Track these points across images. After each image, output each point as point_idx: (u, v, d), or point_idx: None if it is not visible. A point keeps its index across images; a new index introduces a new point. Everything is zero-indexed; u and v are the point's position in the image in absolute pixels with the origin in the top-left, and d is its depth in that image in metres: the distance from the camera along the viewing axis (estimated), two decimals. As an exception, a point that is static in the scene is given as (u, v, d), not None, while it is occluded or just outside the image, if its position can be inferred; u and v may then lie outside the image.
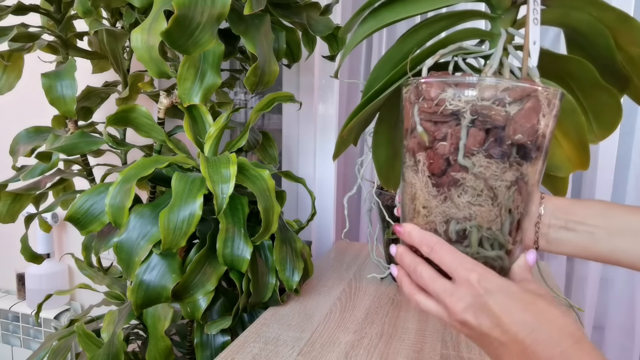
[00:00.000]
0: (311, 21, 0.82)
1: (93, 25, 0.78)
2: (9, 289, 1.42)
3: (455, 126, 0.36)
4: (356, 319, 0.72)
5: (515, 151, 0.36)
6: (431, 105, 0.37)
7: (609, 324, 1.14)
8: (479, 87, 0.36)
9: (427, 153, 0.38)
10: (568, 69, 0.43)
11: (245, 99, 1.35)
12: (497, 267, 0.39)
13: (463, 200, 0.37)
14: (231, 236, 0.65)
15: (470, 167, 0.36)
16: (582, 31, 0.42)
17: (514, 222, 0.38)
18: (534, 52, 0.39)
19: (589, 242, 0.41)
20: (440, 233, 0.38)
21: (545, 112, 0.36)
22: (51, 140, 0.77)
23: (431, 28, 0.44)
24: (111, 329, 0.70)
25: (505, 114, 0.35)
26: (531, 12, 0.38)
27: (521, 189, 0.37)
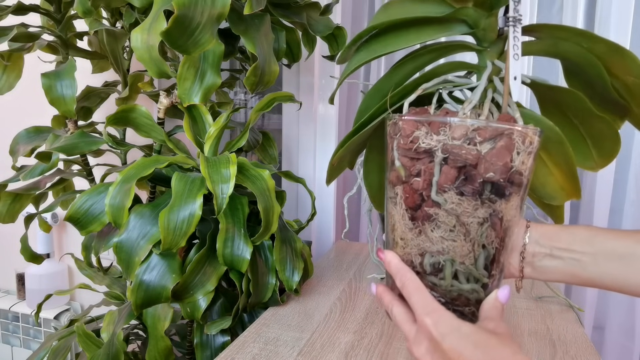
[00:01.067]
0: (311, 21, 0.82)
1: (93, 25, 0.78)
2: (9, 289, 1.41)
3: (428, 163, 0.37)
4: (356, 319, 0.71)
5: (488, 188, 0.37)
6: (407, 141, 0.38)
7: (609, 324, 1.14)
8: (449, 127, 0.36)
9: (403, 187, 0.39)
10: (562, 99, 0.43)
11: (245, 99, 1.35)
12: (473, 299, 0.39)
13: (436, 235, 0.38)
14: (231, 236, 0.65)
15: (442, 203, 0.37)
16: (573, 61, 0.42)
17: (489, 256, 0.38)
18: (515, 87, 0.39)
19: (575, 268, 0.41)
20: (416, 265, 0.39)
21: (520, 149, 0.36)
22: (51, 140, 0.77)
23: (418, 61, 0.45)
24: (111, 329, 0.70)
25: (477, 152, 0.36)
26: (511, 48, 0.39)
27: (495, 225, 0.38)
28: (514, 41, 0.39)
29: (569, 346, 0.64)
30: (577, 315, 0.75)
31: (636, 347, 1.10)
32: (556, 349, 0.63)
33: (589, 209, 1.09)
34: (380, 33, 0.44)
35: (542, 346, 0.64)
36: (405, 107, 0.42)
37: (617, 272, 0.39)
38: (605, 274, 0.40)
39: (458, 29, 0.43)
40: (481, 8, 0.41)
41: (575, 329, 0.69)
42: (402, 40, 0.43)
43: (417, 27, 0.43)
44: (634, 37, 1.04)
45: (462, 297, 0.39)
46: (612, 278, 0.40)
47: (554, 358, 0.60)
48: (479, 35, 0.43)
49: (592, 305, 1.11)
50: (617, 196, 1.09)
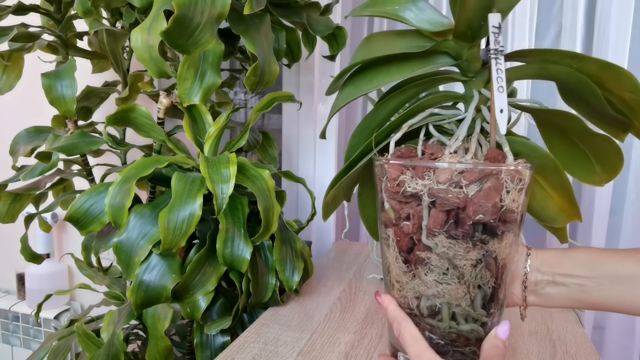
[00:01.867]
0: (311, 21, 0.82)
1: (93, 25, 0.78)
2: (9, 289, 1.41)
3: (416, 206, 0.37)
4: (356, 319, 0.71)
5: (479, 230, 0.36)
6: (393, 185, 0.38)
7: (609, 324, 1.14)
8: (434, 171, 0.36)
9: (394, 230, 0.39)
10: (560, 122, 0.43)
11: (245, 99, 1.35)
12: (473, 339, 0.39)
13: (430, 279, 0.37)
14: (231, 236, 0.65)
15: (433, 247, 0.36)
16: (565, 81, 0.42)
17: (487, 296, 0.38)
18: (502, 120, 0.38)
19: (580, 294, 0.40)
20: (413, 308, 0.39)
21: (510, 187, 0.36)
22: (51, 140, 0.77)
23: (404, 95, 0.44)
24: (111, 329, 0.70)
25: (464, 195, 0.35)
26: (495, 81, 0.38)
27: (489, 265, 0.37)
28: (497, 73, 0.38)
29: (569, 346, 0.64)
30: (577, 316, 0.75)
31: (636, 347, 1.10)
32: (556, 349, 0.63)
33: (589, 209, 1.09)
34: (364, 68, 0.44)
35: (542, 346, 0.64)
36: (391, 146, 0.41)
37: (622, 295, 0.39)
38: (611, 298, 0.39)
39: (441, 61, 0.43)
40: (462, 40, 0.41)
41: (575, 329, 0.69)
42: (385, 76, 0.42)
43: (399, 62, 0.43)
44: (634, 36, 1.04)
45: (462, 337, 0.38)
46: (618, 301, 0.39)
47: (554, 358, 0.60)
48: (463, 67, 0.43)
49: (592, 306, 1.11)
50: (617, 196, 1.09)
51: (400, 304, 0.40)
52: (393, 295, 0.40)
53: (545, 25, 1.16)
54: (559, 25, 1.13)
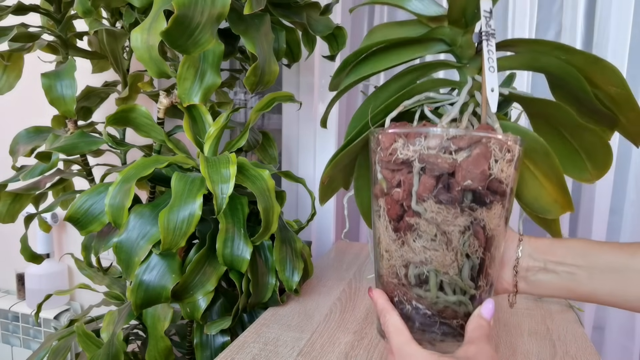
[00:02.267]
0: (311, 21, 0.82)
1: (93, 25, 0.78)
2: (9, 289, 1.41)
3: (407, 174, 0.38)
4: (356, 319, 0.71)
5: (467, 197, 0.37)
6: (386, 154, 0.39)
7: (609, 324, 1.14)
8: (424, 137, 0.37)
9: (385, 199, 0.40)
10: (550, 113, 0.44)
11: (245, 99, 1.35)
12: (461, 312, 0.39)
13: (418, 245, 0.38)
14: (231, 236, 0.65)
15: (422, 212, 0.37)
16: (554, 74, 0.43)
17: (475, 267, 0.38)
18: (492, 99, 0.40)
19: (570, 282, 0.40)
20: (401, 277, 0.39)
21: (498, 157, 0.37)
22: (51, 140, 0.76)
23: (401, 80, 0.46)
24: (111, 329, 0.70)
25: (452, 161, 0.36)
26: (486, 61, 0.40)
27: (477, 234, 0.38)
28: (489, 54, 0.40)
29: (569, 346, 0.64)
30: (577, 316, 0.75)
31: (636, 347, 1.10)
32: (556, 349, 0.63)
33: (589, 209, 1.09)
34: (366, 57, 0.46)
35: (542, 346, 0.64)
36: (387, 124, 0.43)
37: (613, 287, 0.39)
38: (601, 288, 0.39)
39: (436, 47, 0.45)
40: (456, 26, 0.43)
41: (575, 329, 0.69)
42: (384, 62, 0.45)
43: (398, 49, 0.45)
44: (634, 36, 1.04)
45: (449, 309, 0.39)
46: (608, 292, 0.39)
47: (554, 358, 0.60)
48: (457, 53, 0.45)
49: (592, 306, 1.11)
50: (617, 196, 1.09)
51: (389, 274, 0.40)
52: (382, 266, 0.41)
53: (545, 25, 1.16)
54: (559, 25, 1.13)
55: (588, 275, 0.39)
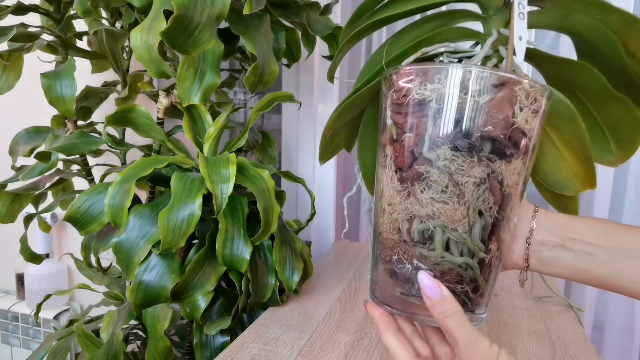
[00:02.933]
0: (311, 21, 0.82)
1: (92, 25, 0.77)
2: (9, 289, 1.41)
3: (421, 117, 0.34)
4: (356, 319, 0.71)
5: (486, 146, 0.33)
6: (399, 96, 0.35)
7: (608, 324, 1.14)
8: (445, 74, 0.33)
9: (394, 146, 0.36)
10: (574, 77, 0.39)
11: (244, 99, 1.35)
12: (467, 277, 0.35)
13: (426, 196, 0.34)
14: (230, 236, 0.65)
15: (434, 159, 0.33)
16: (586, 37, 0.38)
17: (487, 226, 0.35)
18: (520, 48, 0.36)
19: (587, 264, 0.37)
20: (403, 232, 0.36)
21: (524, 104, 0.33)
22: (50, 140, 0.76)
23: (420, 29, 0.42)
24: (110, 329, 0.70)
25: (474, 103, 0.32)
26: (516, 6, 0.36)
27: (493, 189, 0.34)
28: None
29: (568, 346, 0.64)
30: (577, 316, 0.75)
31: (635, 347, 1.11)
32: (556, 349, 0.63)
33: (588, 208, 1.09)
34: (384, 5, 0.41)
35: (541, 346, 0.64)
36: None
37: (634, 272, 0.35)
38: (621, 273, 0.36)
39: None
40: None
41: (574, 329, 0.69)
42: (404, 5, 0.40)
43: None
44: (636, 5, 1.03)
45: (454, 272, 0.35)
46: (628, 279, 0.36)
47: (554, 358, 0.60)
48: (483, 2, 0.40)
49: (592, 306, 1.11)
50: (617, 195, 1.09)
51: (389, 229, 0.37)
52: (383, 222, 0.37)
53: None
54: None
55: (609, 257, 0.36)
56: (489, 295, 0.38)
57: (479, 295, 0.37)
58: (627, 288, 0.36)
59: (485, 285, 0.37)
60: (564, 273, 0.38)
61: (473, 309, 0.37)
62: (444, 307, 0.33)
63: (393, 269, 0.37)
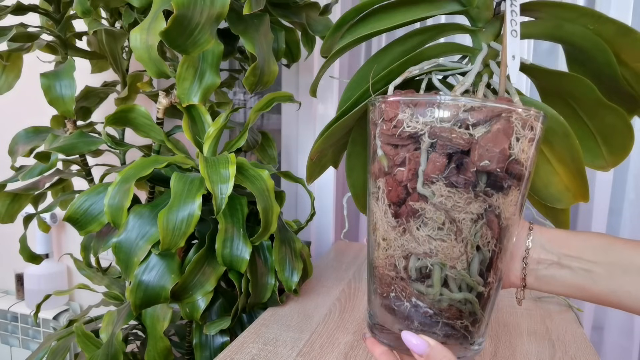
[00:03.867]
0: (310, 21, 0.82)
1: (92, 25, 0.77)
2: (8, 289, 1.41)
3: (414, 150, 0.33)
4: (356, 319, 0.71)
5: (483, 180, 0.32)
6: (390, 126, 0.34)
7: (608, 325, 1.14)
8: (438, 106, 0.31)
9: (386, 179, 0.35)
10: (567, 88, 0.39)
11: (244, 99, 1.35)
12: (466, 311, 0.35)
13: (423, 234, 0.33)
14: (230, 236, 0.65)
15: (430, 196, 0.32)
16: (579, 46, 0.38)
17: (485, 260, 0.34)
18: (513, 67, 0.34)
19: (584, 281, 0.36)
20: (400, 269, 0.35)
21: (520, 135, 0.32)
22: (50, 140, 0.76)
23: (407, 44, 0.41)
24: (110, 330, 0.70)
25: (469, 137, 0.31)
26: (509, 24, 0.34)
27: (491, 223, 0.33)
28: (512, 16, 0.34)
29: (568, 346, 0.64)
30: (577, 316, 0.75)
31: (635, 347, 1.11)
32: (555, 349, 0.63)
33: (587, 209, 1.09)
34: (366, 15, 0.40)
35: (541, 346, 0.64)
36: (390, 91, 0.38)
37: (633, 288, 0.34)
38: (620, 289, 0.35)
39: (449, 6, 0.39)
40: None
41: (574, 329, 0.69)
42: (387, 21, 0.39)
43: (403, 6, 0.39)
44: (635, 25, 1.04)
45: (453, 308, 0.34)
46: (627, 294, 0.35)
47: (553, 358, 0.60)
48: (472, 14, 0.39)
49: (591, 306, 1.11)
50: (616, 196, 1.10)
51: (385, 265, 0.36)
52: (378, 256, 0.37)
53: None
54: None
55: (606, 274, 0.35)
56: (487, 323, 0.38)
57: (478, 327, 0.36)
58: (627, 304, 0.35)
59: (484, 316, 0.36)
60: (562, 290, 0.37)
61: (472, 340, 0.36)
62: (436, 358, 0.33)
63: (391, 306, 0.36)
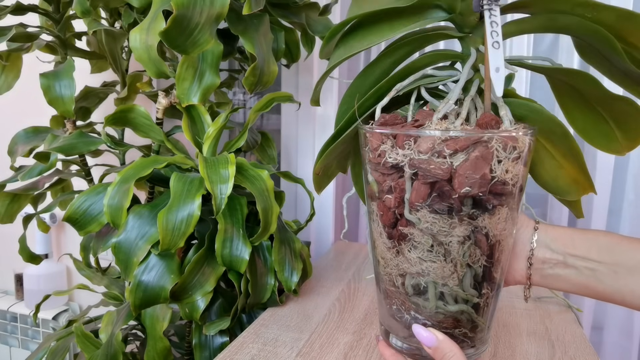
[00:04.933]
0: (310, 21, 0.82)
1: (92, 25, 0.77)
2: (7, 290, 1.41)
3: (398, 178, 0.34)
4: (355, 319, 0.71)
5: (467, 203, 0.33)
6: (375, 155, 0.35)
7: (607, 325, 1.14)
8: (414, 140, 0.32)
9: (377, 204, 0.36)
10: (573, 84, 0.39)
11: (244, 99, 1.35)
12: (464, 320, 0.36)
13: (414, 256, 0.34)
14: (230, 237, 0.65)
15: (416, 222, 0.33)
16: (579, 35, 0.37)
17: (478, 275, 0.35)
18: (498, 80, 0.33)
19: (589, 280, 0.36)
20: (398, 286, 0.36)
21: (502, 156, 0.32)
22: (49, 140, 0.76)
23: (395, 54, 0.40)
24: (109, 330, 0.70)
25: (448, 166, 0.31)
26: (489, 35, 0.33)
27: (479, 242, 0.34)
28: (492, 27, 0.33)
29: (567, 346, 0.64)
30: (576, 316, 0.75)
31: (635, 348, 1.11)
32: (555, 349, 0.63)
33: (587, 209, 1.09)
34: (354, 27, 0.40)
35: (540, 347, 0.64)
36: (377, 114, 0.38)
37: (638, 287, 0.34)
38: (625, 289, 0.35)
39: (433, 15, 0.39)
40: None
41: (574, 329, 0.69)
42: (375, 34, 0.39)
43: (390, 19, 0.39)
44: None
45: (451, 319, 0.35)
46: (632, 293, 0.35)
47: (553, 358, 0.60)
48: (457, 21, 0.39)
49: (591, 306, 1.11)
50: (616, 197, 1.10)
51: (386, 281, 0.37)
52: (379, 272, 0.38)
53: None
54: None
55: (612, 273, 0.35)
56: (489, 327, 0.39)
57: (478, 332, 0.37)
58: (632, 303, 0.36)
59: (484, 322, 0.37)
60: (567, 288, 0.38)
61: (474, 344, 0.37)
62: (444, 351, 0.34)
63: (395, 316, 0.38)
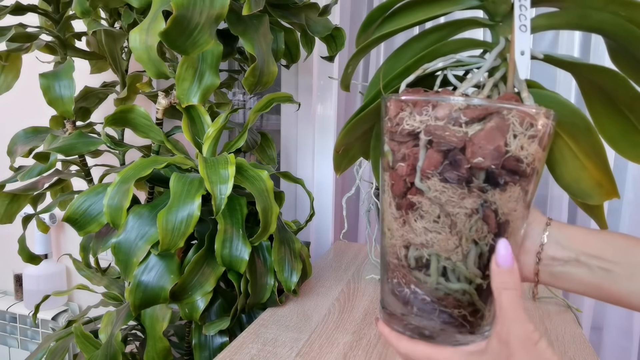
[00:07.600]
0: (310, 22, 0.82)
1: (91, 25, 0.78)
2: (7, 290, 1.41)
3: (413, 147, 0.34)
4: (355, 319, 0.71)
5: (479, 176, 0.33)
6: (393, 124, 0.35)
7: (607, 325, 1.14)
8: (432, 106, 0.33)
9: (390, 173, 0.36)
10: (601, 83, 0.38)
11: (243, 100, 1.35)
12: (465, 301, 0.35)
13: (419, 226, 0.34)
14: (229, 237, 0.65)
15: (426, 190, 0.34)
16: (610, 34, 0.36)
17: (484, 254, 0.35)
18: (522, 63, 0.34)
19: (602, 280, 0.35)
20: (401, 258, 0.36)
21: (517, 131, 0.32)
22: (49, 140, 0.76)
23: (425, 40, 0.41)
24: (109, 330, 0.70)
25: (462, 134, 0.32)
26: (517, 18, 0.34)
27: (487, 218, 0.34)
28: (520, 10, 0.34)
29: (567, 347, 0.64)
30: (576, 316, 0.75)
31: (634, 348, 1.11)
32: (554, 349, 0.63)
33: (587, 209, 1.09)
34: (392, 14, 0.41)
35: (540, 347, 0.64)
36: (401, 89, 0.39)
37: None
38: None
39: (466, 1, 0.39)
40: None
41: (573, 329, 0.69)
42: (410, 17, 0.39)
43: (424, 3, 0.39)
44: None
45: (450, 297, 0.35)
46: None
47: (552, 358, 0.60)
48: (489, 9, 0.39)
49: (591, 306, 1.11)
50: (615, 197, 1.10)
51: (390, 253, 0.38)
52: (384, 244, 0.38)
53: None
54: (557, 26, 1.13)
55: (627, 275, 0.34)
56: (492, 314, 0.38)
57: (479, 317, 0.37)
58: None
59: (486, 307, 0.37)
60: (576, 288, 0.37)
61: (473, 330, 0.37)
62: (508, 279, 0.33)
63: (394, 291, 0.37)
